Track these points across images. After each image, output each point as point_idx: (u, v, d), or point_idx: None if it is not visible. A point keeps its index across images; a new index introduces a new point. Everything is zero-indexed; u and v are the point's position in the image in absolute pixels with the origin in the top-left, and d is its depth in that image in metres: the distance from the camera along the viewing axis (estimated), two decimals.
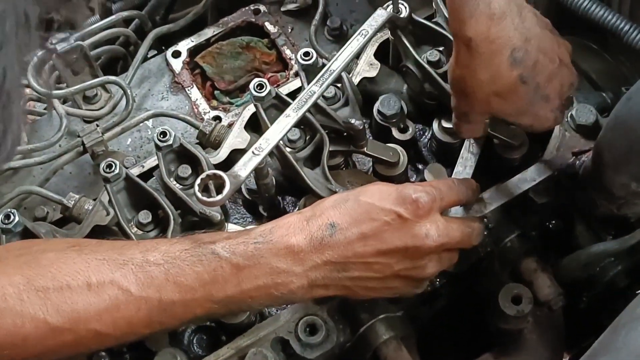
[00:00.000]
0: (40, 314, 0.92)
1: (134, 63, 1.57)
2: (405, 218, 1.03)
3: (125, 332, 0.97)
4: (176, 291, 0.96)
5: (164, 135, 1.19)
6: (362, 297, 1.09)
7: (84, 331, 0.94)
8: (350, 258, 1.02)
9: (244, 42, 1.60)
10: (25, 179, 1.47)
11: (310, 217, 1.03)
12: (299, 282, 1.01)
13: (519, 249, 1.22)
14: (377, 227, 1.02)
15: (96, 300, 0.94)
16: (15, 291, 0.92)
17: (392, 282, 1.06)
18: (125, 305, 0.95)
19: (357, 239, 1.02)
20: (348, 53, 1.19)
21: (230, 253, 0.99)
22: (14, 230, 1.18)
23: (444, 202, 1.08)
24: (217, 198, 0.99)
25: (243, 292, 0.99)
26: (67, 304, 0.93)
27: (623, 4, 1.42)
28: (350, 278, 1.03)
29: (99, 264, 0.96)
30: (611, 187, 1.11)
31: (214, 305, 0.99)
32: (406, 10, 1.26)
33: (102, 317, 0.94)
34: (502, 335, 1.24)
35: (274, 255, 1.00)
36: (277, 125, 1.12)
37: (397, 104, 1.30)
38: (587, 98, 1.38)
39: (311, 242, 1.01)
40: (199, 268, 0.98)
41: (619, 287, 1.23)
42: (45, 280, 0.93)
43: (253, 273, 0.99)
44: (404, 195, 1.04)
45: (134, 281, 0.95)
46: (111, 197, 1.19)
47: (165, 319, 0.98)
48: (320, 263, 1.01)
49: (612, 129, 1.07)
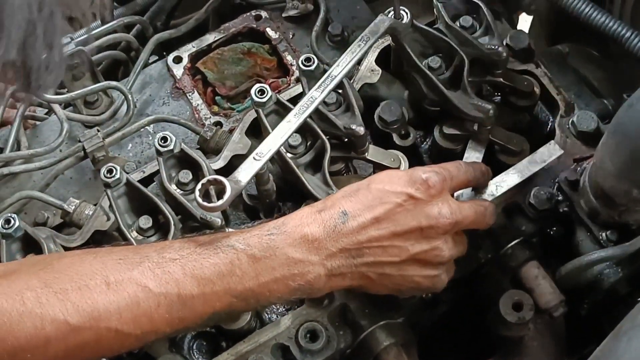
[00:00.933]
0: (60, 315, 0.91)
1: (135, 68, 1.57)
2: (417, 198, 1.03)
3: (146, 331, 0.96)
4: (195, 285, 0.96)
5: (164, 141, 1.19)
6: (380, 289, 1.08)
7: (104, 330, 0.93)
8: (364, 243, 1.02)
9: (245, 48, 1.60)
10: (25, 184, 1.47)
11: (322, 209, 1.03)
12: (316, 272, 1.00)
13: (520, 256, 1.22)
14: (389, 209, 1.02)
15: (115, 298, 0.94)
16: (33, 294, 0.92)
17: (410, 269, 1.05)
18: (145, 302, 0.94)
19: (370, 223, 1.02)
20: (350, 59, 1.19)
21: (246, 245, 0.99)
22: (14, 235, 1.18)
23: (453, 181, 1.08)
24: (218, 203, 0.98)
25: (261, 285, 0.99)
26: (87, 303, 0.93)
27: (624, 11, 1.43)
28: (366, 264, 1.03)
29: (115, 263, 0.96)
30: (612, 194, 1.11)
31: (233, 299, 0.98)
32: (408, 16, 1.26)
33: (122, 314, 0.94)
34: (503, 342, 1.24)
35: (289, 245, 1.00)
36: (278, 130, 1.12)
37: (398, 110, 1.30)
38: (589, 105, 1.38)
39: (325, 230, 1.01)
40: (216, 260, 0.98)
41: (620, 294, 1.23)
42: (63, 282, 0.93)
43: (270, 264, 0.99)
44: (414, 177, 1.05)
45: (152, 277, 0.95)
46: (112, 202, 1.19)
47: (185, 314, 0.97)
48: (336, 251, 1.01)
49: (614, 135, 1.07)
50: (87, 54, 1.51)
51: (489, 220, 1.13)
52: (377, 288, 1.08)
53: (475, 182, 1.15)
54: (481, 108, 1.24)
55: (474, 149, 1.26)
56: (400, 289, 1.10)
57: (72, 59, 1.50)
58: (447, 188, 1.07)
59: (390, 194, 1.04)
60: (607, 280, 1.21)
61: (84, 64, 1.52)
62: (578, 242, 1.23)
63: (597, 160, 1.13)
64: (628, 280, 1.22)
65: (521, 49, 1.33)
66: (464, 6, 1.36)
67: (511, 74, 1.32)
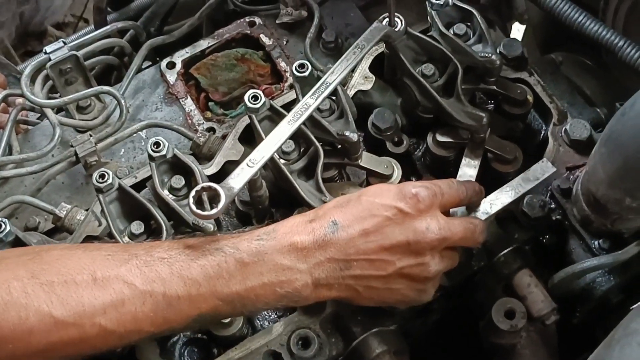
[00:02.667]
0: (45, 307, 0.91)
1: (128, 73, 1.56)
2: (406, 212, 1.04)
3: (129, 330, 0.95)
4: (181, 285, 0.96)
5: (157, 146, 1.19)
6: (366, 302, 1.08)
7: (88, 326, 0.93)
8: (352, 255, 1.02)
9: (239, 54, 1.60)
10: (17, 189, 1.47)
11: (314, 218, 1.04)
12: (303, 280, 1.01)
13: (512, 264, 1.22)
14: (378, 222, 1.03)
15: (101, 294, 0.93)
16: (19, 284, 0.91)
17: (396, 283, 1.05)
18: (130, 300, 0.94)
19: (359, 235, 1.02)
20: (344, 66, 1.19)
21: (235, 249, 0.99)
22: (5, 239, 1.17)
23: (444, 198, 1.08)
24: (211, 212, 0.98)
25: (248, 290, 0.99)
26: (72, 297, 0.92)
27: (617, 19, 1.44)
28: (353, 276, 1.03)
29: (104, 259, 0.96)
30: (605, 202, 1.12)
31: (218, 301, 0.98)
32: (402, 24, 1.26)
33: (107, 311, 0.93)
34: (496, 350, 1.24)
35: (278, 252, 1.00)
36: (272, 137, 1.12)
37: (392, 118, 1.30)
38: (581, 113, 1.38)
39: (314, 239, 1.01)
40: (204, 262, 0.98)
41: (612, 303, 1.23)
42: (50, 275, 0.93)
43: (257, 270, 0.99)
44: (404, 191, 1.05)
45: (139, 275, 0.95)
46: (103, 207, 1.19)
47: (170, 314, 0.96)
48: (324, 260, 1.01)
49: (606, 144, 1.07)
50: (80, 59, 1.51)
51: (479, 238, 1.13)
52: (363, 301, 1.08)
53: (468, 201, 1.15)
54: (474, 116, 1.24)
55: (468, 165, 1.26)
56: (386, 302, 1.10)
57: (65, 64, 1.49)
58: (437, 204, 1.07)
59: (380, 207, 1.04)
60: (599, 288, 1.21)
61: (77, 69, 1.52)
62: (570, 250, 1.24)
63: (589, 168, 1.13)
64: (620, 289, 1.23)
65: (514, 57, 1.34)
66: (458, 14, 1.36)
67: (504, 82, 1.32)
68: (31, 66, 1.48)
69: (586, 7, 1.41)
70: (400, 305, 1.14)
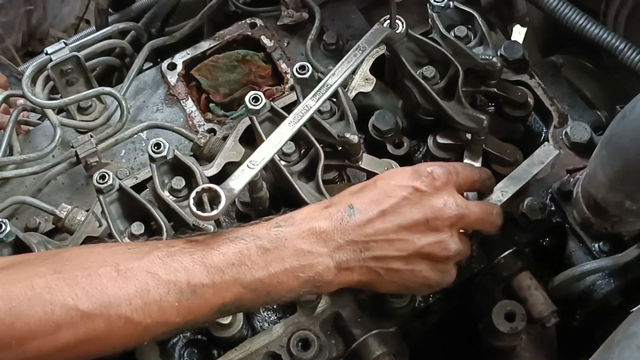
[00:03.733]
0: (70, 300, 0.90)
1: (129, 74, 1.56)
2: (423, 191, 1.04)
3: (156, 321, 0.94)
4: (204, 273, 0.96)
5: (158, 147, 1.19)
6: (388, 287, 1.07)
7: (115, 317, 0.92)
8: (371, 236, 1.02)
9: (240, 56, 1.60)
10: (17, 189, 1.47)
11: (329, 204, 1.05)
12: (325, 264, 1.00)
13: (512, 266, 1.22)
14: (395, 202, 1.03)
15: (125, 285, 0.93)
16: (42, 280, 0.90)
17: (417, 264, 1.05)
18: (154, 289, 0.94)
19: (377, 216, 1.03)
20: (345, 68, 1.19)
21: (254, 237, 0.99)
22: (5, 240, 1.17)
23: (459, 177, 1.09)
24: (212, 213, 0.98)
25: (271, 276, 0.98)
26: (97, 289, 0.92)
27: (618, 22, 1.44)
28: (373, 258, 1.03)
29: (125, 252, 0.97)
30: (605, 205, 1.12)
31: (242, 289, 0.97)
32: (403, 26, 1.26)
33: (132, 301, 0.93)
34: (495, 352, 1.24)
35: (297, 237, 1.00)
36: (272, 138, 1.12)
37: (392, 119, 1.30)
38: (582, 116, 1.38)
39: (332, 223, 1.02)
40: (225, 250, 0.98)
41: (612, 305, 1.23)
42: (73, 269, 0.93)
43: (279, 255, 0.99)
44: (419, 171, 1.06)
45: (162, 265, 0.95)
46: (104, 208, 1.19)
47: (195, 304, 0.96)
48: (343, 243, 1.01)
49: (607, 147, 1.07)
50: (81, 60, 1.51)
51: (497, 221, 1.13)
52: (385, 285, 1.07)
53: (481, 184, 1.15)
54: (475, 118, 1.24)
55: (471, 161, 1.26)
56: (408, 286, 1.08)
57: (66, 65, 1.49)
58: (453, 182, 1.08)
59: (396, 187, 1.05)
60: (599, 291, 1.21)
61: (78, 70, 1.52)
62: (570, 252, 1.24)
63: (590, 171, 1.13)
64: (620, 292, 1.23)
65: (515, 59, 1.34)
66: (458, 16, 1.36)
67: (505, 85, 1.32)
68: (32, 67, 1.48)
69: (587, 9, 1.41)
70: (423, 290, 1.12)
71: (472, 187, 1.14)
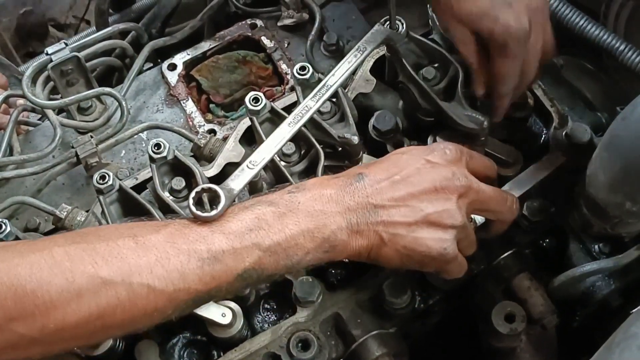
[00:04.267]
0: (90, 268, 0.90)
1: (130, 75, 1.56)
2: (435, 162, 1.07)
3: (179, 288, 0.93)
4: (223, 239, 0.96)
5: (158, 147, 1.19)
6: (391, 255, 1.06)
7: (137, 285, 0.91)
8: (380, 201, 1.04)
9: (240, 56, 1.60)
10: (17, 189, 1.47)
11: (338, 175, 1.07)
12: (337, 223, 1.02)
13: (512, 267, 1.22)
14: (406, 173, 1.06)
15: (145, 254, 0.93)
16: (61, 250, 0.90)
17: (421, 231, 1.05)
18: (175, 257, 0.93)
19: (386, 184, 1.05)
20: (345, 68, 1.19)
21: (269, 203, 1.01)
22: (5, 240, 1.17)
23: (472, 160, 1.12)
24: (211, 213, 0.98)
25: (288, 238, 0.99)
26: (117, 258, 0.91)
27: (618, 23, 1.44)
28: (381, 222, 1.04)
29: (142, 226, 0.97)
30: (605, 206, 1.12)
31: (261, 253, 0.98)
32: (403, 27, 1.26)
33: (153, 269, 0.92)
34: (495, 353, 1.24)
35: (310, 199, 1.02)
36: (272, 139, 1.12)
37: (393, 120, 1.30)
38: (582, 117, 1.38)
39: (342, 188, 1.04)
40: (242, 216, 0.99)
41: (612, 307, 1.23)
42: (91, 241, 0.92)
43: (294, 218, 1.00)
44: (432, 146, 1.11)
45: (180, 236, 0.95)
46: (104, 208, 1.19)
47: (216, 270, 0.96)
48: (353, 205, 1.03)
49: (607, 148, 1.07)
50: (82, 60, 1.51)
51: (514, 210, 1.15)
52: (389, 253, 1.06)
53: (493, 176, 1.17)
54: (475, 119, 1.24)
55: None
56: (411, 255, 1.07)
57: (67, 65, 1.49)
58: (464, 161, 1.10)
59: (408, 159, 1.08)
60: (599, 292, 1.21)
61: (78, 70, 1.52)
62: (571, 253, 1.24)
63: (590, 172, 1.13)
64: (620, 293, 1.23)
65: None
66: None
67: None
68: (32, 67, 1.48)
69: (587, 10, 1.41)
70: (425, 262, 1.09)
71: (484, 172, 1.15)
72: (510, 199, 1.15)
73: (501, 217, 1.15)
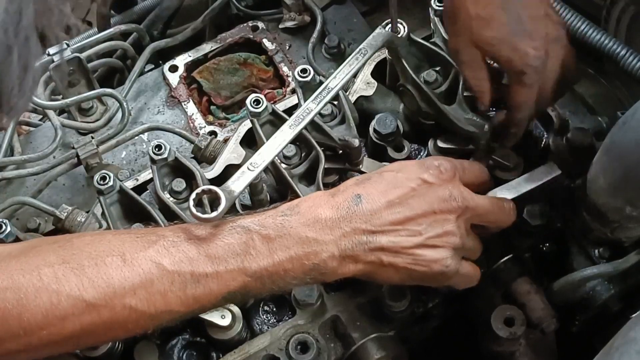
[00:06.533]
0: (76, 291, 0.92)
1: (131, 76, 1.57)
2: (430, 183, 1.05)
3: (160, 310, 0.95)
4: (208, 264, 0.96)
5: (159, 149, 1.19)
6: (390, 276, 1.05)
7: (119, 307, 0.93)
8: (378, 226, 1.02)
9: (242, 58, 1.60)
10: (18, 190, 1.47)
11: (335, 193, 1.04)
12: (329, 251, 1.00)
13: (512, 271, 1.22)
14: (403, 194, 1.04)
15: (130, 274, 0.94)
16: (50, 270, 0.92)
17: (421, 252, 1.04)
18: (159, 280, 0.94)
19: (384, 207, 1.03)
20: (347, 71, 1.19)
21: (260, 226, 0.99)
22: (5, 240, 1.18)
23: (466, 173, 1.10)
24: (212, 215, 0.98)
25: (275, 264, 0.98)
26: (103, 279, 0.93)
27: (619, 28, 1.44)
28: (379, 247, 1.02)
29: (133, 241, 0.97)
30: (605, 210, 1.12)
31: (247, 278, 0.97)
32: (404, 30, 1.27)
33: (136, 291, 0.94)
34: (494, 357, 1.24)
35: (303, 225, 1.00)
36: (273, 141, 1.12)
37: (393, 123, 1.30)
38: (583, 122, 1.38)
39: (338, 211, 1.01)
40: (230, 240, 0.98)
41: (611, 311, 1.23)
42: (81, 259, 0.94)
43: (284, 243, 0.99)
44: (426, 164, 1.08)
45: (167, 255, 0.96)
46: (104, 209, 1.19)
47: (199, 293, 0.96)
48: (349, 231, 1.01)
49: (607, 153, 1.07)
50: (83, 61, 1.51)
51: (510, 215, 1.14)
52: (387, 274, 1.05)
53: (489, 185, 1.16)
54: (476, 123, 1.24)
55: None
56: (411, 274, 1.06)
57: (68, 66, 1.49)
58: (459, 177, 1.09)
59: (403, 179, 1.05)
60: (598, 296, 1.21)
61: (80, 71, 1.52)
62: (570, 258, 1.24)
63: (590, 176, 1.13)
64: (620, 297, 1.22)
65: None
66: None
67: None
68: None
69: (589, 15, 1.41)
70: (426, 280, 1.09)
71: (479, 183, 1.14)
72: (507, 206, 1.14)
73: (501, 225, 1.15)
